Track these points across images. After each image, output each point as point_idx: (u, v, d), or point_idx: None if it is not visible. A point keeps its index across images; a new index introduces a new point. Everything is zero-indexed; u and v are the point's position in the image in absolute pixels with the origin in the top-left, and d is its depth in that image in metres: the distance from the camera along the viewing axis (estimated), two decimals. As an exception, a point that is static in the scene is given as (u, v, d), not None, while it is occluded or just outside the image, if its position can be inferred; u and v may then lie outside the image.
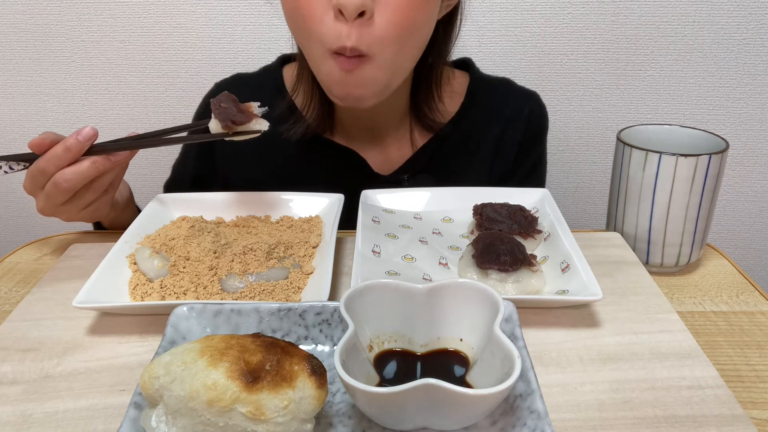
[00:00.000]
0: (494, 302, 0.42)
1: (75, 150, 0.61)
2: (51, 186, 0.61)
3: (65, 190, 0.61)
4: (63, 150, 0.60)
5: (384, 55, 0.63)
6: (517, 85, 0.89)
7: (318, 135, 0.80)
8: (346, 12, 0.59)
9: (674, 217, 0.62)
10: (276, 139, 0.81)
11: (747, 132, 1.21)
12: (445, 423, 0.39)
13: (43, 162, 0.60)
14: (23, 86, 1.15)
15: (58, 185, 0.61)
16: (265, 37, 1.12)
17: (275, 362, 0.37)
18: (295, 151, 0.81)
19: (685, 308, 0.58)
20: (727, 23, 1.11)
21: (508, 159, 0.85)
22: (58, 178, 0.61)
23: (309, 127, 0.78)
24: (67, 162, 0.61)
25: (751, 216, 1.29)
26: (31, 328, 0.53)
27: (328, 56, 0.63)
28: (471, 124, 0.83)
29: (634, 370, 0.48)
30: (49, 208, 0.64)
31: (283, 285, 0.56)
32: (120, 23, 1.11)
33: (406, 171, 0.81)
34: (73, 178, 0.61)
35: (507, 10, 1.10)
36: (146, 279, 0.57)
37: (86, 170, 0.61)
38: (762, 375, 0.49)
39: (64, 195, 0.62)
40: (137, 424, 0.38)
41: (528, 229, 0.63)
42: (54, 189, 0.61)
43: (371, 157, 0.81)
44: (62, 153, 0.60)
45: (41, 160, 0.61)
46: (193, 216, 0.66)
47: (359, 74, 0.64)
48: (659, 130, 0.69)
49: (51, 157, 0.60)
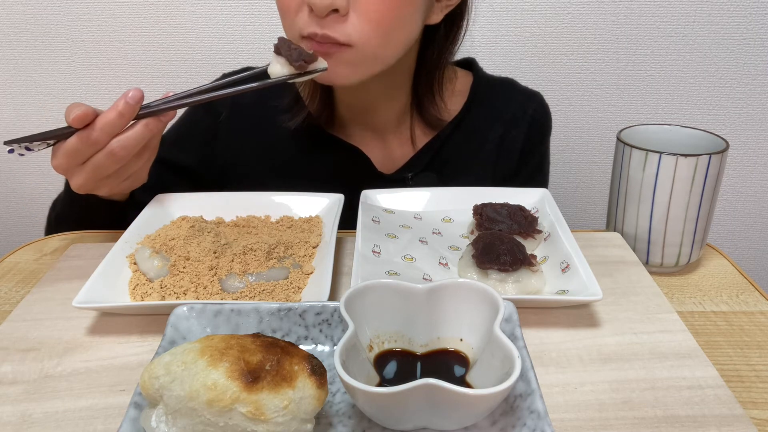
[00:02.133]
0: (494, 302, 0.42)
1: (128, 115, 0.58)
2: (104, 156, 0.58)
3: (121, 158, 0.59)
4: (116, 116, 0.57)
5: (367, 47, 0.65)
6: (520, 85, 0.89)
7: (322, 130, 0.80)
8: (315, 9, 0.62)
9: (674, 217, 0.62)
10: (280, 133, 0.82)
11: (747, 132, 1.21)
12: (445, 423, 0.39)
13: (95, 133, 0.57)
14: (23, 86, 1.15)
15: (114, 154, 0.58)
16: (266, 37, 1.12)
17: (275, 362, 0.37)
18: (299, 145, 0.82)
19: (685, 308, 0.58)
20: (727, 23, 1.11)
21: (512, 159, 0.84)
22: (114, 146, 0.58)
23: (309, 116, 0.79)
24: (121, 128, 0.58)
25: (751, 216, 1.29)
26: (31, 328, 0.53)
27: (300, 41, 0.66)
28: (474, 123, 0.83)
29: (634, 370, 0.48)
30: (93, 183, 0.61)
31: (283, 285, 0.56)
32: (120, 23, 1.11)
33: (409, 170, 0.81)
34: (130, 143, 0.58)
35: (507, 10, 1.10)
36: (146, 279, 0.57)
37: (141, 134, 0.59)
38: (762, 375, 0.49)
39: (117, 164, 0.59)
40: (137, 424, 0.38)
41: (528, 229, 0.63)
42: (108, 158, 0.58)
43: (373, 155, 0.81)
44: (116, 119, 0.57)
45: (92, 131, 0.57)
46: (193, 216, 0.66)
47: (339, 57, 0.65)
48: (659, 130, 0.69)
49: (104, 125, 0.57)
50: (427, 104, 0.80)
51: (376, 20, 0.64)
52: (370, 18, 0.63)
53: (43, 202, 1.22)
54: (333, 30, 0.63)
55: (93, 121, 0.58)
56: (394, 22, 0.65)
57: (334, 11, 0.62)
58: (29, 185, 1.22)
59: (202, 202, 0.70)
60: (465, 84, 0.85)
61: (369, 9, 0.63)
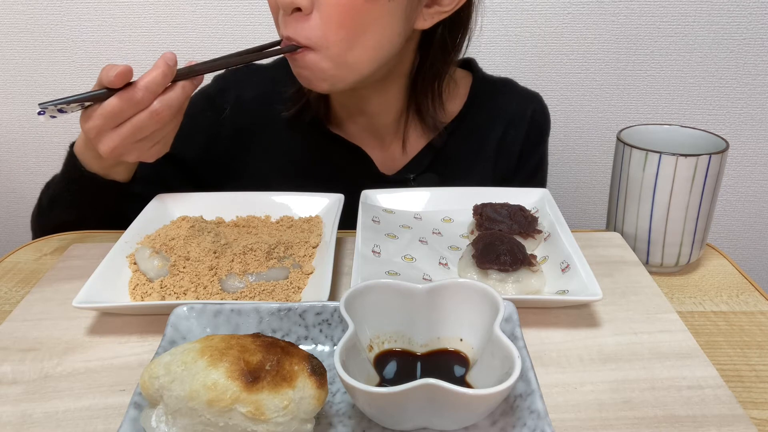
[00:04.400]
0: (494, 302, 0.42)
1: (170, 75, 0.58)
2: (147, 116, 0.58)
3: (163, 119, 0.58)
4: (161, 75, 0.57)
5: (330, 50, 0.65)
6: (519, 85, 0.89)
7: (324, 128, 0.80)
8: (281, 7, 0.63)
9: (674, 217, 0.62)
10: (282, 130, 0.82)
11: (747, 132, 1.21)
12: (445, 423, 0.39)
13: (139, 92, 0.56)
14: (23, 86, 1.15)
15: (158, 113, 0.58)
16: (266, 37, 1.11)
17: (275, 362, 0.37)
18: (302, 143, 0.82)
19: (685, 308, 0.58)
20: (727, 23, 1.11)
21: (511, 159, 0.84)
22: (157, 106, 0.57)
23: (307, 105, 0.80)
24: (163, 88, 0.58)
25: (751, 216, 1.29)
26: (31, 328, 0.53)
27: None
28: (474, 123, 0.83)
29: (634, 370, 0.48)
30: (125, 146, 0.60)
31: (283, 285, 0.56)
32: (120, 23, 1.11)
33: (410, 171, 0.81)
34: (173, 103, 0.58)
35: (507, 10, 1.10)
36: (146, 279, 0.57)
37: (181, 95, 0.59)
38: (762, 375, 0.49)
39: (158, 124, 0.59)
40: (137, 424, 0.38)
41: (528, 229, 0.63)
42: (151, 119, 0.58)
43: (373, 155, 0.81)
44: (161, 79, 0.57)
45: (136, 91, 0.56)
46: (193, 216, 0.66)
47: (301, 60, 0.66)
48: (659, 130, 0.69)
49: (148, 84, 0.57)
50: (424, 111, 0.79)
51: (338, 21, 0.62)
52: (331, 19, 0.62)
53: (43, 202, 1.22)
54: (295, 31, 0.64)
55: (133, 82, 0.57)
56: (359, 24, 0.63)
57: (297, 10, 0.63)
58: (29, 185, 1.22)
59: (202, 202, 0.70)
60: (464, 84, 0.85)
61: (330, 10, 0.62)
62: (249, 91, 0.84)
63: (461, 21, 0.74)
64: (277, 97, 0.82)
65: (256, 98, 0.83)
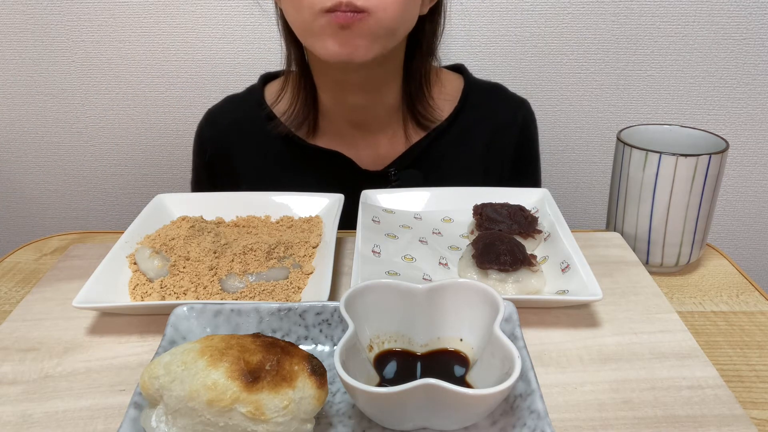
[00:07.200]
0: (494, 302, 0.42)
1: None
2: None
3: None
4: None
5: (385, 16, 0.64)
6: (509, 91, 0.91)
7: (302, 141, 0.81)
8: None
9: (674, 217, 0.62)
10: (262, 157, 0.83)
11: (747, 132, 1.21)
12: (445, 423, 0.39)
13: None
14: (23, 86, 1.15)
15: None
16: (265, 37, 1.11)
17: (275, 362, 0.37)
18: (282, 163, 0.83)
19: (685, 308, 0.58)
20: (727, 23, 1.11)
21: (500, 164, 0.86)
22: None
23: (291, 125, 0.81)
24: None
25: (751, 216, 1.29)
26: (31, 328, 0.53)
27: (320, 15, 0.64)
28: (464, 126, 0.84)
29: (634, 370, 0.48)
30: None
31: (283, 285, 0.56)
32: (120, 23, 1.11)
33: (394, 166, 0.82)
34: None
35: (506, 11, 1.10)
36: (146, 279, 0.57)
37: None
38: (762, 375, 0.49)
39: None
40: (137, 424, 0.38)
41: (528, 229, 0.63)
42: None
43: (361, 154, 0.82)
44: None
45: None
46: (193, 216, 0.66)
47: (359, 27, 0.64)
48: (659, 130, 0.69)
49: None
50: (416, 102, 0.80)
51: None
52: None
53: (43, 202, 1.22)
54: None
55: None
56: None
57: None
58: (29, 185, 1.22)
59: (202, 202, 0.70)
60: (456, 88, 0.86)
61: None
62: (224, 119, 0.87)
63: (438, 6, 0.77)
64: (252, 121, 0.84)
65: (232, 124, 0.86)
